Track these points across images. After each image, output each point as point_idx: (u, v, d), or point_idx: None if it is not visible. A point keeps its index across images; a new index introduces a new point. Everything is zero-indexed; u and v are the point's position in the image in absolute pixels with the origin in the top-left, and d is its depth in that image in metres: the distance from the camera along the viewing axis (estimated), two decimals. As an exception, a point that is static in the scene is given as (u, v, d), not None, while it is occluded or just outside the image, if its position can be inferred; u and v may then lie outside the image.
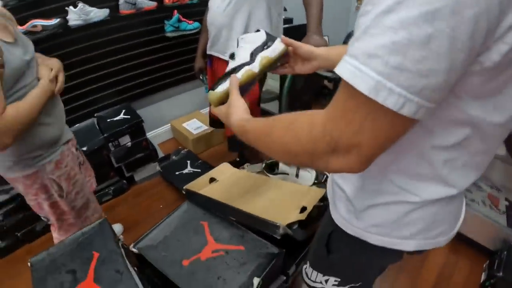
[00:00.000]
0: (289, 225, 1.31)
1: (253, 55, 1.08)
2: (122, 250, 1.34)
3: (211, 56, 2.47)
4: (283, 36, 1.14)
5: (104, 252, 1.32)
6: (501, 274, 2.00)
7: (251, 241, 1.40)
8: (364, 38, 0.54)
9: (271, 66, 1.11)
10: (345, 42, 4.14)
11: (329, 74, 3.80)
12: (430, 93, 0.53)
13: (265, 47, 1.10)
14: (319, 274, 1.23)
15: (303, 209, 1.42)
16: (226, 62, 2.27)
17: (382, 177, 0.84)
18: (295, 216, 1.37)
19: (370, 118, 0.57)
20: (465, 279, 2.21)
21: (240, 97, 0.99)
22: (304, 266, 1.32)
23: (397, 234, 0.91)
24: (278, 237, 1.31)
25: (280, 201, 1.52)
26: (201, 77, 2.79)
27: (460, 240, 2.32)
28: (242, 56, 1.09)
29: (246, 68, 1.05)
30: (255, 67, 1.06)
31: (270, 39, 1.11)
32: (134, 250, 1.39)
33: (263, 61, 1.07)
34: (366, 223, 0.94)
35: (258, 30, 1.15)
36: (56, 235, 1.88)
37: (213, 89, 1.07)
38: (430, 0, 0.47)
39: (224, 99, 1.05)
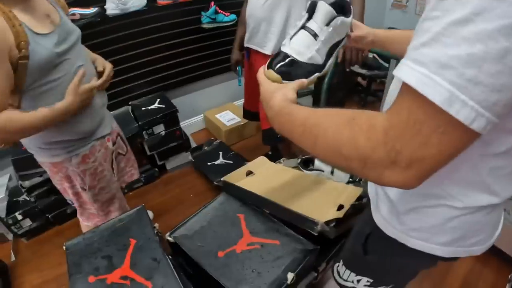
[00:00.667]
0: (327, 223, 1.30)
1: (327, 56, 0.99)
2: (158, 238, 1.35)
3: (248, 49, 2.45)
4: (353, 34, 1.10)
5: (141, 240, 1.33)
6: (526, 287, 1.95)
7: (286, 236, 1.39)
8: (435, 46, 0.51)
9: None
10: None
11: (363, 71, 3.76)
12: (500, 109, 0.51)
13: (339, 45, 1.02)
14: (352, 273, 1.22)
15: (340, 207, 1.40)
16: (264, 56, 2.25)
17: (431, 182, 0.83)
18: (332, 213, 1.36)
19: (439, 131, 0.53)
20: (489, 288, 2.17)
21: (295, 94, 0.90)
22: (336, 264, 1.31)
23: (436, 240, 0.90)
24: (316, 234, 1.30)
25: (317, 197, 1.50)
26: (237, 69, 2.77)
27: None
28: (322, 50, 0.98)
29: (316, 75, 0.98)
30: (321, 73, 0.99)
31: (347, 32, 1.05)
32: (170, 239, 1.40)
33: (327, 68, 1.01)
34: (407, 226, 0.93)
35: (345, 11, 1.02)
36: (80, 219, 1.92)
37: (272, 68, 0.94)
38: (508, 13, 0.45)
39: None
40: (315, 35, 0.96)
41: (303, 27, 0.98)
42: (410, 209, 0.90)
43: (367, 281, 1.18)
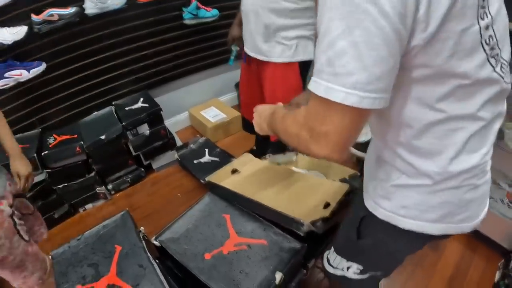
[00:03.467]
0: (313, 222, 1.29)
1: None
2: (144, 242, 1.34)
3: (248, 54, 2.15)
4: None
5: (127, 246, 1.32)
6: (516, 274, 1.98)
7: (274, 235, 1.39)
8: (316, 61, 0.72)
9: None
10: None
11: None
12: (367, 86, 0.67)
13: None
14: (342, 259, 1.24)
15: (327, 205, 1.40)
16: (266, 63, 2.01)
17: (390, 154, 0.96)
18: (319, 212, 1.35)
19: (328, 112, 0.72)
20: (480, 276, 2.18)
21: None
22: (327, 252, 1.32)
23: (426, 217, 0.95)
24: (302, 234, 1.30)
25: (303, 195, 1.50)
26: (232, 48, 2.48)
27: (476, 237, 2.29)
28: None
29: None
30: None
31: None
32: (156, 243, 1.39)
33: None
34: (395, 204, 0.97)
35: None
36: None
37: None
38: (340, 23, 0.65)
39: None
40: None
41: None
42: (393, 186, 0.96)
43: (357, 268, 1.21)
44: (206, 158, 3.08)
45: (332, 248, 1.28)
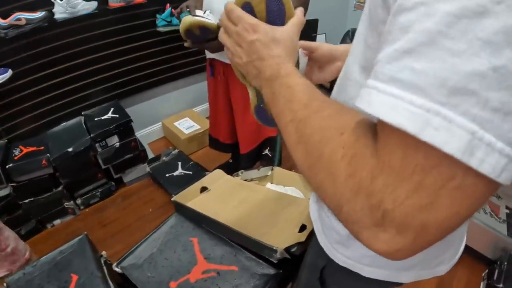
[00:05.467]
0: (287, 248, 1.20)
1: None
2: (105, 268, 1.23)
3: (213, 62, 2.15)
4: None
5: (83, 275, 1.21)
6: (501, 285, 1.96)
7: (245, 261, 1.29)
8: (433, 54, 0.32)
9: None
10: (343, 40, 4.08)
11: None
12: None
13: None
14: None
15: (303, 228, 1.31)
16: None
17: None
18: (293, 236, 1.26)
19: (451, 186, 0.34)
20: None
21: None
22: None
23: (394, 265, 0.79)
24: (275, 261, 1.21)
25: (278, 217, 1.41)
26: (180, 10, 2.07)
27: (459, 248, 2.28)
28: None
29: None
30: None
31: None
32: (117, 269, 1.28)
33: None
34: (357, 252, 0.80)
35: None
36: None
37: None
38: None
39: None
40: None
41: None
42: None
43: None
44: (179, 171, 2.98)
45: None
